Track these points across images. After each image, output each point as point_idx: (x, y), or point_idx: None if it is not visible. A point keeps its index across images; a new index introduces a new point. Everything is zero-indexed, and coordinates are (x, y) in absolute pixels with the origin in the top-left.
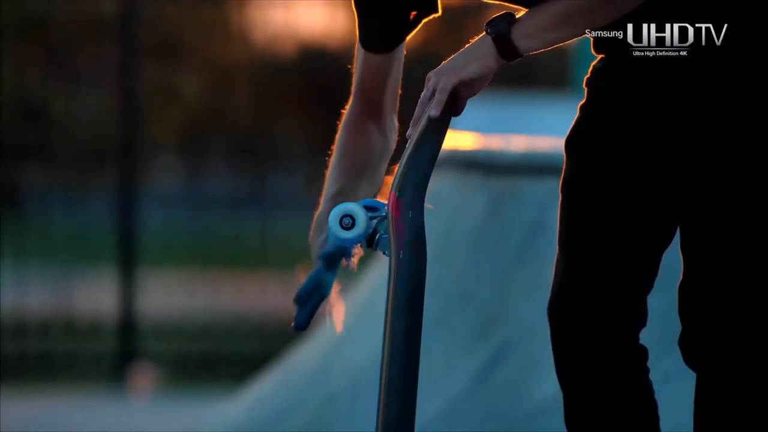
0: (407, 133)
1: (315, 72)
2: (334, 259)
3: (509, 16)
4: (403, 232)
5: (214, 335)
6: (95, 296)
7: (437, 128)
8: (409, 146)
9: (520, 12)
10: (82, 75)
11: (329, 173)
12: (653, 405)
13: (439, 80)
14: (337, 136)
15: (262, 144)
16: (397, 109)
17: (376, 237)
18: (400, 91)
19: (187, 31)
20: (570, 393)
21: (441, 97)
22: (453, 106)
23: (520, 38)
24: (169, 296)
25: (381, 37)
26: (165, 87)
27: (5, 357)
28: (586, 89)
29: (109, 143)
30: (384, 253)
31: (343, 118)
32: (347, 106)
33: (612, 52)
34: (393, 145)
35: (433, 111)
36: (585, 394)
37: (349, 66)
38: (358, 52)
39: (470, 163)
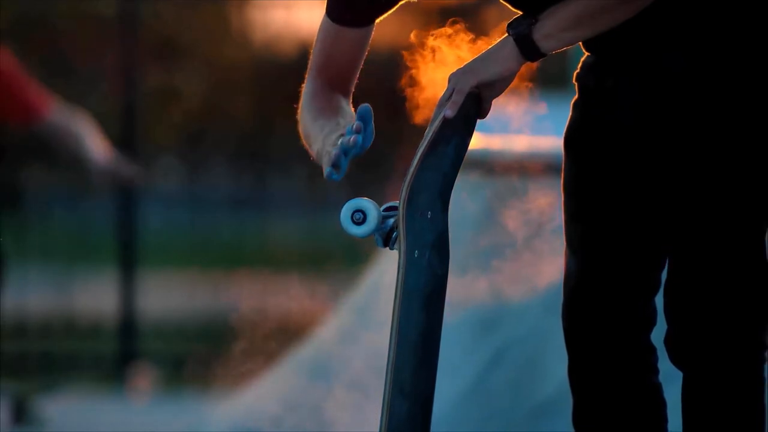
0: (426, 133)
1: None
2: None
3: (530, 17)
4: (418, 232)
5: (214, 335)
6: (95, 296)
7: (461, 129)
8: (422, 146)
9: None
10: (82, 75)
11: (311, 130)
12: (663, 405)
13: (458, 81)
14: (300, 107)
15: (263, 144)
16: (351, 94)
17: (393, 236)
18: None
19: (187, 31)
20: (581, 392)
21: (457, 98)
22: (478, 108)
23: (541, 38)
24: (169, 296)
25: (364, 8)
26: (165, 87)
27: (5, 357)
28: (576, 85)
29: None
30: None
31: (303, 96)
32: (303, 87)
33: (606, 50)
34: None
35: (448, 111)
36: (597, 393)
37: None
38: (326, 30)
39: (470, 162)
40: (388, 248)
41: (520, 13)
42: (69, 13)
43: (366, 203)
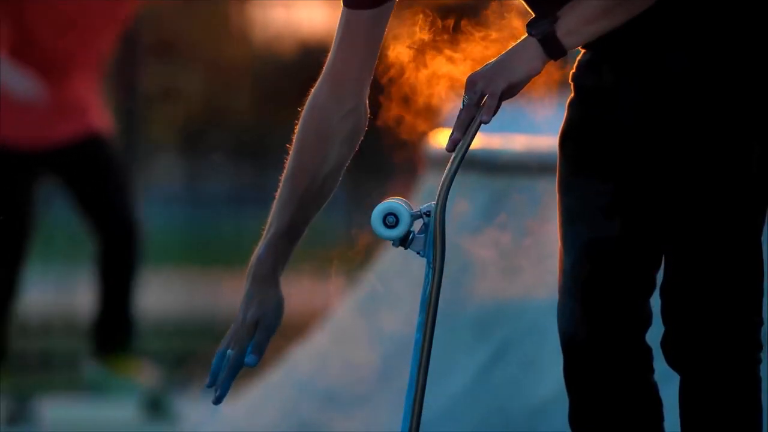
0: (451, 137)
1: (316, 70)
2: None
3: (549, 16)
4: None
5: (214, 335)
6: (95, 295)
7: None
8: (460, 151)
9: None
10: None
11: (279, 192)
12: (659, 404)
13: (488, 84)
14: (297, 128)
15: (262, 143)
16: (368, 95)
17: (410, 237)
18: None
19: (187, 31)
20: (579, 392)
21: (492, 102)
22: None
23: (564, 35)
24: (169, 295)
25: None
26: (165, 86)
27: (5, 357)
28: (572, 84)
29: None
30: (418, 253)
31: (306, 105)
32: (312, 91)
33: (608, 49)
34: (362, 134)
35: (485, 116)
36: (595, 393)
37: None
38: (341, 20)
39: (470, 161)
40: (402, 248)
41: (530, 13)
42: None
43: (398, 206)
